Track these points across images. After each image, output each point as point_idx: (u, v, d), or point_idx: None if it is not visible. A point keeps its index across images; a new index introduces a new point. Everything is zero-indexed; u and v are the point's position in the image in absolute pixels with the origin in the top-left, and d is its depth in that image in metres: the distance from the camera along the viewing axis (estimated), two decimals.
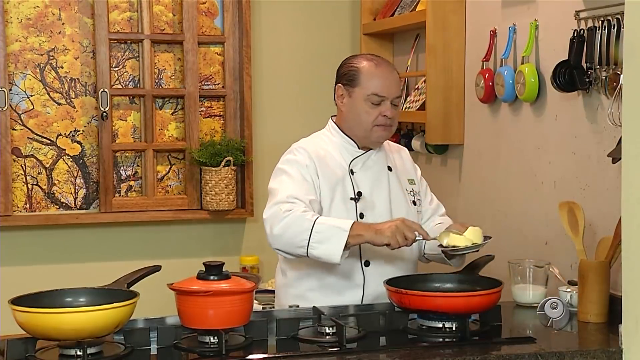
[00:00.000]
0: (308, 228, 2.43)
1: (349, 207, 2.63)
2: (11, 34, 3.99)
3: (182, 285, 2.21)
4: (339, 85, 2.70)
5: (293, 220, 2.46)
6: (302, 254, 2.48)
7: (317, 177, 2.61)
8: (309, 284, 2.66)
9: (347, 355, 2.17)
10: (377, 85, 2.61)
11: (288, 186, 2.56)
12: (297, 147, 2.67)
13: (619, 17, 2.60)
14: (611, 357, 2.21)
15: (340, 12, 4.37)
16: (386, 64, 2.68)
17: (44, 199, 4.09)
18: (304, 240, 2.44)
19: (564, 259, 2.87)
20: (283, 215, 2.47)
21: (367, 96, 2.62)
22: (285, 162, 2.65)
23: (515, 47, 3.20)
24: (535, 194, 3.12)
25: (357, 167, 2.68)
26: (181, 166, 4.25)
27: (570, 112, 2.91)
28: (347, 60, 2.73)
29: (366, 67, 2.64)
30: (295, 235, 2.45)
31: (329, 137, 2.72)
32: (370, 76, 2.62)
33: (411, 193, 2.75)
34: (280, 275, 2.76)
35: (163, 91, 4.19)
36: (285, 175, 2.60)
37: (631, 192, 2.13)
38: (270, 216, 2.52)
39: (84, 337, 2.08)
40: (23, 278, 3.88)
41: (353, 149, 2.70)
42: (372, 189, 2.67)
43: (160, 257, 3.80)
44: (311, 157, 2.63)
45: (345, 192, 2.64)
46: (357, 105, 2.64)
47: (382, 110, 2.62)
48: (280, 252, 2.54)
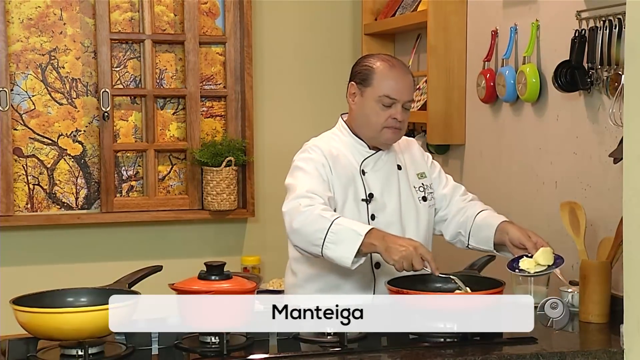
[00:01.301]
0: (325, 227, 2.40)
1: (360, 208, 2.62)
2: (13, 34, 3.99)
3: (183, 285, 2.21)
4: (352, 83, 2.67)
5: (312, 217, 2.43)
6: (317, 253, 2.44)
7: (331, 176, 2.60)
8: (318, 285, 2.65)
9: (348, 355, 2.17)
10: (389, 88, 2.58)
11: (306, 182, 2.54)
12: (312, 146, 2.65)
13: (620, 17, 2.60)
14: (612, 357, 2.21)
15: (342, 12, 4.37)
16: (401, 66, 2.64)
17: (45, 199, 4.09)
18: (319, 240, 2.41)
19: (565, 259, 2.86)
20: (303, 209, 2.44)
21: (378, 97, 2.59)
22: (301, 160, 2.62)
23: (517, 47, 3.20)
24: (536, 194, 3.12)
25: (368, 168, 2.66)
26: (182, 166, 4.25)
27: (571, 112, 2.91)
28: (363, 58, 2.70)
29: (380, 67, 2.60)
30: (312, 233, 2.42)
31: (340, 137, 2.70)
32: (384, 77, 2.59)
33: (420, 189, 2.72)
34: (291, 275, 2.75)
35: (164, 91, 4.19)
36: (302, 172, 2.58)
37: (632, 193, 2.13)
38: (289, 210, 2.48)
39: (85, 337, 2.08)
40: (24, 278, 3.87)
41: (363, 149, 2.68)
42: (382, 190, 2.66)
43: (162, 257, 3.79)
44: (325, 156, 2.61)
45: (357, 193, 2.63)
46: (368, 106, 2.61)
47: (392, 113, 2.59)
48: (298, 248, 2.50)
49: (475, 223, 2.70)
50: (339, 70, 4.37)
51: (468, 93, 3.56)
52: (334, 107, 4.31)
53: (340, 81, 4.35)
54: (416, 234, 2.67)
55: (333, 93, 4.36)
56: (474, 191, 3.52)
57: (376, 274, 2.63)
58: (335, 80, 4.37)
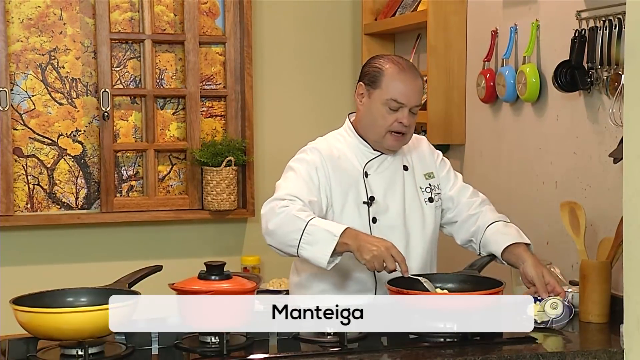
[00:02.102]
0: (300, 228, 2.40)
1: (361, 210, 2.61)
2: (12, 34, 3.99)
3: (183, 285, 2.21)
4: (360, 83, 2.63)
5: (287, 218, 2.43)
6: (292, 254, 2.45)
7: (329, 179, 2.58)
8: (322, 285, 2.64)
9: (348, 355, 2.17)
10: (397, 91, 2.54)
11: (291, 184, 2.54)
12: (312, 147, 2.64)
13: (620, 17, 2.60)
14: (612, 357, 2.21)
15: (342, 12, 4.37)
16: (412, 69, 2.59)
17: (45, 199, 4.09)
18: (295, 240, 2.41)
19: (565, 259, 2.87)
20: (278, 211, 2.45)
21: (386, 100, 2.55)
22: (296, 160, 2.62)
23: (517, 47, 3.20)
24: (536, 194, 3.12)
25: (371, 170, 2.64)
26: (182, 166, 4.25)
27: (571, 112, 2.91)
28: (373, 59, 2.65)
29: (390, 70, 2.56)
30: (287, 234, 2.43)
31: (345, 138, 2.68)
32: (393, 80, 2.55)
33: (427, 189, 2.70)
34: (294, 274, 2.75)
35: (164, 91, 4.19)
36: (292, 172, 2.58)
37: (632, 192, 2.13)
38: (267, 211, 2.50)
39: (85, 337, 2.08)
40: (24, 278, 3.87)
41: (367, 150, 2.65)
42: (385, 192, 2.63)
43: (162, 257, 3.80)
44: (324, 159, 2.59)
45: (358, 196, 2.61)
46: (375, 108, 2.58)
47: (398, 117, 2.56)
48: (274, 249, 2.51)
49: (485, 237, 2.65)
50: (339, 70, 4.39)
51: (468, 93, 3.56)
52: (334, 106, 4.34)
53: (341, 81, 4.39)
54: (421, 236, 2.67)
55: (333, 93, 4.37)
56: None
57: (377, 275, 2.62)
58: (335, 80, 4.38)
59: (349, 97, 4.29)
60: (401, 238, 2.61)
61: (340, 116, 2.79)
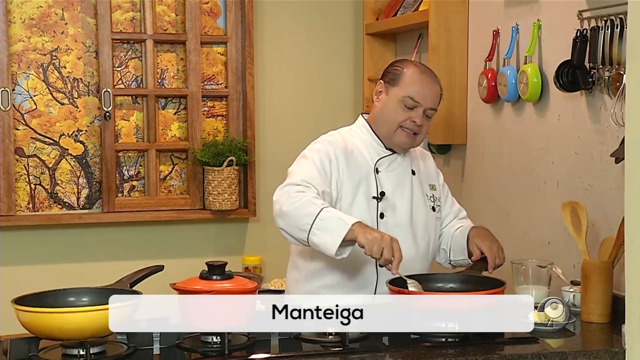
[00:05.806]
0: (314, 213, 2.40)
1: (370, 205, 2.63)
2: (14, 34, 3.99)
3: (184, 285, 2.21)
4: (380, 81, 2.70)
5: (302, 202, 2.43)
6: (302, 239, 2.43)
7: (342, 172, 2.61)
8: (321, 281, 2.65)
9: (350, 355, 2.17)
10: (415, 90, 2.62)
11: (306, 171, 2.55)
12: (327, 139, 2.67)
13: (622, 17, 2.60)
14: (614, 357, 2.21)
15: (343, 12, 4.37)
16: (431, 75, 2.68)
17: (46, 198, 4.09)
18: (306, 225, 2.40)
19: (566, 259, 2.87)
20: (294, 195, 2.45)
21: (402, 97, 2.62)
22: (310, 150, 2.64)
23: (518, 47, 3.20)
24: (538, 194, 3.12)
25: (382, 167, 2.68)
26: (184, 166, 4.25)
27: (573, 112, 2.91)
28: (397, 61, 2.76)
29: (411, 71, 2.65)
30: (301, 218, 2.42)
31: (358, 134, 2.72)
32: (412, 80, 2.63)
33: (431, 199, 2.75)
34: (293, 270, 2.75)
35: (166, 91, 4.19)
36: (306, 160, 2.60)
37: (634, 192, 2.13)
38: (281, 195, 2.49)
39: (87, 336, 2.08)
40: (26, 278, 3.88)
41: (380, 148, 2.69)
42: (394, 190, 2.67)
43: (163, 257, 3.80)
44: (337, 152, 2.62)
45: (368, 190, 2.64)
46: (391, 104, 2.64)
47: (412, 115, 2.62)
48: (283, 232, 2.49)
49: (454, 236, 2.76)
50: (340, 70, 4.39)
51: (469, 93, 3.56)
52: (335, 106, 4.34)
53: (342, 81, 4.39)
54: (425, 237, 2.69)
55: (335, 93, 4.37)
56: (476, 191, 3.53)
57: (379, 272, 2.62)
58: (337, 80, 4.38)
59: (351, 97, 4.29)
60: (407, 237, 2.62)
61: (342, 116, 2.81)
